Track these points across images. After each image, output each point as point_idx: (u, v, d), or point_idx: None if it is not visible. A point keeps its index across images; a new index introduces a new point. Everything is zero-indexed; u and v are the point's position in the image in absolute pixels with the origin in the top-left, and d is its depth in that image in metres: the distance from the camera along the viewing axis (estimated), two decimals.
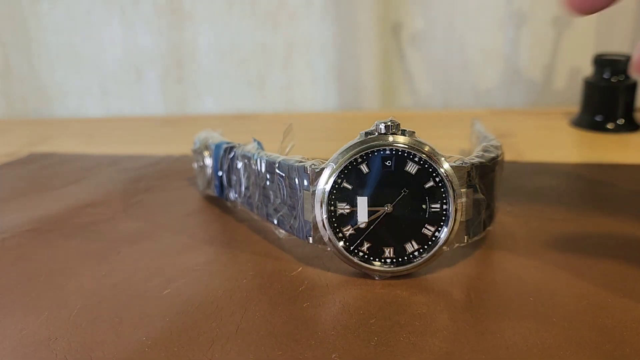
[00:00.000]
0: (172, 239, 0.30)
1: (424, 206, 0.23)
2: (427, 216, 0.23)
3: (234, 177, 0.32)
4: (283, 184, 0.26)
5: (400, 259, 0.24)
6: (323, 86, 0.69)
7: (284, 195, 0.26)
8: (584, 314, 0.21)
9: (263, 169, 0.27)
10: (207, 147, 0.35)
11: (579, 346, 0.19)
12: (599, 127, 0.51)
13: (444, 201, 0.23)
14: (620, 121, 0.50)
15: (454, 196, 0.23)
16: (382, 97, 0.68)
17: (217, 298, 0.23)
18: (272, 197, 0.27)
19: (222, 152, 0.32)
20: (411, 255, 0.24)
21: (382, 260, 0.24)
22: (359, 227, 0.24)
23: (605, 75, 0.51)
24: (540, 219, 0.30)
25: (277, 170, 0.26)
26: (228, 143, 0.32)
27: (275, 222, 0.28)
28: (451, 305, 0.22)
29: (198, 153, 0.37)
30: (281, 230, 0.27)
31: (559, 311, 0.21)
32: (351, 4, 0.65)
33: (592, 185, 0.36)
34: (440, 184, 0.23)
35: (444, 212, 0.23)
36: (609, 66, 0.50)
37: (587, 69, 0.55)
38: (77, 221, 0.34)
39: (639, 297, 0.22)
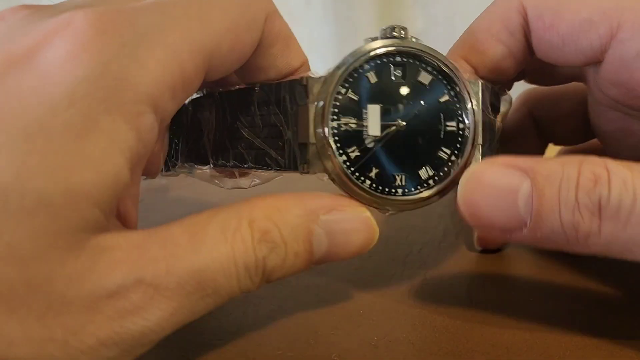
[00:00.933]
0: None
1: (439, 124, 0.20)
2: (442, 136, 0.20)
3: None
4: (266, 111, 0.22)
5: (413, 188, 0.20)
6: None
7: (265, 122, 0.22)
8: (584, 313, 0.21)
9: (235, 104, 0.23)
10: None
11: (579, 346, 0.19)
12: None
13: (460, 119, 0.20)
14: None
15: (474, 113, 0.20)
16: None
17: None
18: (244, 132, 0.22)
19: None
20: (425, 184, 0.20)
21: (393, 190, 0.20)
22: (366, 147, 0.20)
23: None
24: None
25: (257, 100, 0.22)
26: None
27: (249, 164, 0.22)
28: (451, 305, 0.22)
29: None
30: (255, 180, 0.23)
31: (559, 311, 0.21)
32: (351, 4, 0.65)
33: None
34: (455, 99, 0.21)
35: (461, 132, 0.21)
36: None
37: None
38: None
39: (639, 297, 0.22)
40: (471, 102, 0.20)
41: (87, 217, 0.15)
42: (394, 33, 0.21)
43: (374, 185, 0.20)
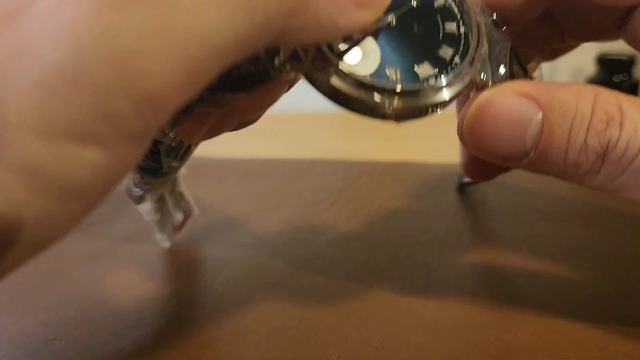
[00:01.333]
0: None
1: (437, 25, 0.19)
2: (441, 37, 0.18)
3: None
4: None
5: (409, 82, 0.17)
6: None
7: None
8: (585, 314, 0.21)
9: None
10: None
11: (581, 347, 0.19)
12: None
13: (461, 22, 0.19)
14: None
15: (474, 14, 0.19)
16: None
17: (217, 298, 0.23)
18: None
19: None
20: (425, 83, 0.17)
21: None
22: (353, 41, 0.17)
23: (608, 75, 0.51)
24: (543, 220, 0.30)
25: None
26: None
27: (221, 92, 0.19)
28: (451, 305, 0.22)
29: None
30: None
31: (561, 312, 0.21)
32: None
33: None
34: (454, 1, 0.19)
35: (462, 35, 0.19)
36: (612, 66, 0.50)
37: (590, 69, 0.55)
38: None
39: None
40: (470, 7, 0.19)
41: None
42: None
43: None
